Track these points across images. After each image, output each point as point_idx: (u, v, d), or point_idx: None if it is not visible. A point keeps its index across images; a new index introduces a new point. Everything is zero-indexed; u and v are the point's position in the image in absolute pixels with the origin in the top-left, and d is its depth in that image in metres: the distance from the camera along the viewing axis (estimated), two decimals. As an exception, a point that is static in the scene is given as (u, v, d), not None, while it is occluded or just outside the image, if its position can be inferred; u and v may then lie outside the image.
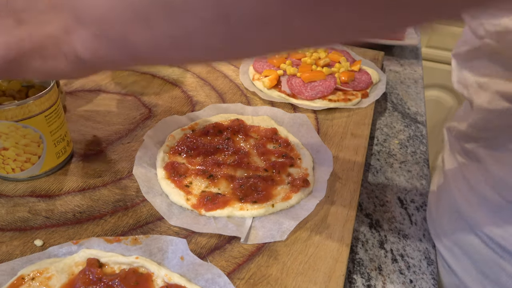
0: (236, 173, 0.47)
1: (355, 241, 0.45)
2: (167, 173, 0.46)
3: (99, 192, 0.44)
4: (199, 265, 0.34)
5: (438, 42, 1.55)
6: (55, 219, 0.41)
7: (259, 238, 0.40)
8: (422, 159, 0.59)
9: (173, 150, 0.50)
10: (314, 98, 0.62)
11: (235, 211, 0.42)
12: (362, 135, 0.56)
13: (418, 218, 0.49)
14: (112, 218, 0.41)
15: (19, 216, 0.41)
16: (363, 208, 0.49)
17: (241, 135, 0.53)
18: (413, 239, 0.46)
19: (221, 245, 0.39)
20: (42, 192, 0.44)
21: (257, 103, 0.63)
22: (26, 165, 0.44)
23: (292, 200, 0.43)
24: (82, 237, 0.39)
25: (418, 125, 0.66)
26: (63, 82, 0.65)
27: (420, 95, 0.75)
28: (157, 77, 0.69)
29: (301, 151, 0.51)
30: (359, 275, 0.41)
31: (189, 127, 0.54)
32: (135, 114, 0.58)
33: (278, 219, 0.41)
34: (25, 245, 0.38)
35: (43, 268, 0.34)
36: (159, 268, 0.34)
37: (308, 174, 0.47)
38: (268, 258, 0.38)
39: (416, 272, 0.42)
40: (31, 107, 0.41)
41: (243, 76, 0.69)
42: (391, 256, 0.43)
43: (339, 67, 0.68)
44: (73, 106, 0.59)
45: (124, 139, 0.53)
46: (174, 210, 0.42)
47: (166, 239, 0.36)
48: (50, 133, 0.44)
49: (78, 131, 0.54)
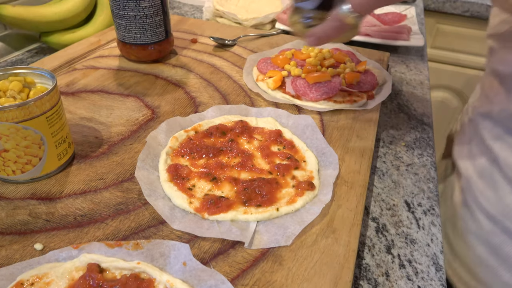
0: (240, 175, 0.46)
1: (362, 246, 0.44)
2: (170, 176, 0.45)
3: (100, 195, 0.44)
4: (202, 271, 0.34)
5: (443, 42, 1.54)
6: (55, 222, 0.40)
7: (263, 242, 0.39)
8: (429, 161, 0.57)
9: (176, 152, 0.49)
10: (319, 100, 0.61)
11: (239, 215, 0.41)
12: (368, 137, 0.55)
13: (426, 222, 0.47)
14: (113, 222, 0.40)
15: (19, 219, 0.40)
16: (369, 212, 0.48)
17: (245, 137, 0.53)
18: (420, 244, 0.45)
19: (224, 250, 0.38)
20: (43, 194, 0.43)
21: (261, 104, 0.62)
22: (27, 167, 0.44)
23: (297, 203, 0.42)
24: (83, 241, 0.38)
25: (424, 127, 0.65)
26: (65, 83, 0.64)
27: (426, 97, 0.74)
28: (160, 78, 0.68)
29: (306, 153, 0.50)
30: (365, 281, 0.40)
31: (192, 129, 0.53)
32: (137, 115, 0.58)
33: (283, 223, 0.40)
34: (25, 249, 0.37)
35: (42, 273, 0.33)
36: (161, 273, 0.33)
37: (313, 177, 0.46)
38: (273, 263, 0.37)
39: (425, 278, 0.41)
40: (32, 108, 0.41)
41: (247, 77, 0.68)
42: (398, 261, 0.42)
43: (344, 68, 0.67)
44: (74, 107, 0.59)
45: (127, 141, 0.52)
46: (177, 214, 0.41)
47: (168, 244, 0.35)
48: (51, 135, 0.44)
49: (79, 133, 0.53)
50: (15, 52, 0.81)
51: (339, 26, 0.43)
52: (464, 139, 0.63)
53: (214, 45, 0.81)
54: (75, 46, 0.76)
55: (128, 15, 0.66)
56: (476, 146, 0.58)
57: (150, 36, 0.69)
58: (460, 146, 0.63)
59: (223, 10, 0.96)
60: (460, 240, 0.58)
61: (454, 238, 0.53)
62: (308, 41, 0.48)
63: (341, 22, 0.42)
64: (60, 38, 0.80)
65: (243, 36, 0.85)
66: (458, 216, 0.57)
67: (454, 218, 0.59)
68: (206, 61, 0.75)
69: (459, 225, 0.58)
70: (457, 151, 0.63)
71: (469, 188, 0.56)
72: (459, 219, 0.58)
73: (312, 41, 0.47)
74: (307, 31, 0.49)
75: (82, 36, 0.82)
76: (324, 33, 0.45)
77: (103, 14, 0.86)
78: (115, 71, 0.69)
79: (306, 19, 0.49)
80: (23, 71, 0.46)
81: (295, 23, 0.51)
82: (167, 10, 0.70)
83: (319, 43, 0.48)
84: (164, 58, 0.75)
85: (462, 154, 0.62)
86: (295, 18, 0.51)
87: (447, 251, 0.59)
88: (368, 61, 0.74)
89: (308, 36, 0.48)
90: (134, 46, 0.70)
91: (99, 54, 0.74)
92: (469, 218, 0.56)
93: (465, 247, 0.57)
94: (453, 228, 0.58)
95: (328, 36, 0.45)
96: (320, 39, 0.46)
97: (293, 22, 0.52)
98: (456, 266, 0.57)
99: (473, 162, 0.57)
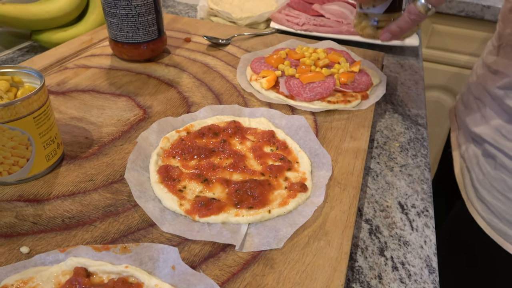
0: (232, 177, 0.46)
1: (354, 248, 0.43)
2: (161, 177, 0.44)
3: (89, 197, 0.43)
4: (191, 275, 0.33)
5: (438, 42, 1.54)
6: (43, 224, 0.39)
7: (254, 245, 0.38)
8: (423, 162, 0.57)
9: (167, 153, 0.48)
10: (313, 100, 0.61)
11: (230, 217, 0.40)
12: (361, 138, 0.55)
13: (419, 224, 0.47)
14: (102, 224, 0.40)
15: (5, 221, 0.39)
16: (362, 213, 0.48)
17: (238, 138, 0.52)
18: (414, 246, 0.44)
19: (215, 253, 0.38)
20: (30, 196, 0.43)
21: (254, 104, 0.61)
22: (14, 168, 0.43)
23: (289, 205, 0.42)
24: (70, 244, 0.37)
25: (419, 128, 0.65)
26: (56, 82, 0.63)
27: (421, 97, 0.73)
28: (152, 77, 0.67)
29: (299, 154, 0.50)
30: (358, 284, 0.40)
31: (184, 129, 0.52)
32: (129, 115, 0.57)
33: (274, 226, 0.40)
34: (11, 253, 0.36)
35: (28, 277, 0.32)
36: (150, 277, 0.33)
37: (306, 178, 0.46)
38: (264, 267, 0.37)
39: (418, 281, 0.40)
40: (19, 109, 0.40)
41: (240, 76, 0.68)
42: (391, 264, 0.42)
43: (338, 68, 0.66)
44: (65, 106, 0.58)
45: (117, 141, 0.52)
46: (167, 216, 0.40)
47: (157, 248, 0.35)
48: (39, 135, 0.43)
49: (69, 133, 0.53)
50: (5, 51, 0.80)
51: (414, 19, 0.49)
52: (474, 111, 0.68)
53: (207, 44, 0.80)
54: (67, 45, 0.75)
55: (120, 14, 0.65)
56: (496, 113, 0.62)
57: (143, 35, 0.68)
58: (473, 115, 0.68)
59: (217, 9, 0.95)
60: (498, 200, 0.61)
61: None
62: (382, 37, 0.53)
63: (416, 15, 0.48)
64: (51, 37, 0.79)
65: (237, 35, 0.84)
66: (491, 180, 0.62)
67: (476, 167, 0.64)
68: (199, 60, 0.74)
69: (495, 187, 0.61)
70: (471, 120, 0.68)
71: (499, 151, 0.61)
72: (493, 182, 0.62)
73: (386, 36, 0.53)
74: (378, 32, 0.55)
75: (73, 35, 0.81)
76: (399, 27, 0.51)
77: (95, 12, 0.85)
78: (107, 70, 0.68)
79: (375, 22, 0.55)
80: (11, 70, 0.45)
81: (365, 28, 0.56)
82: (159, 9, 0.69)
83: (392, 38, 0.53)
84: (157, 57, 0.74)
85: (477, 122, 0.66)
86: (364, 23, 0.56)
87: (474, 199, 0.65)
88: (363, 61, 0.73)
89: (382, 34, 0.53)
90: (126, 45, 0.69)
91: (90, 53, 0.73)
92: (507, 177, 0.60)
93: (505, 204, 0.60)
94: (477, 177, 0.64)
95: (402, 29, 0.51)
96: (394, 33, 0.52)
97: (362, 28, 0.57)
98: (498, 222, 0.61)
99: (495, 128, 0.62)
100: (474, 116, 0.68)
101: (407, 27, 0.50)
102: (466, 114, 0.70)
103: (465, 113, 0.71)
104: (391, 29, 0.52)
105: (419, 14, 0.48)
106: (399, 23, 0.50)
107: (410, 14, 0.49)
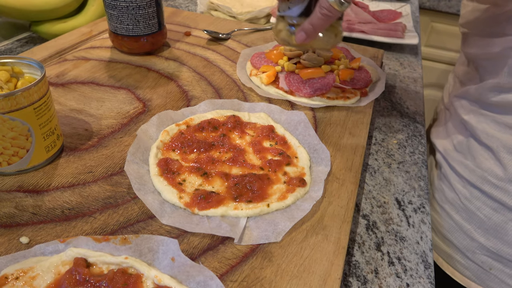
0: (231, 171, 0.46)
1: (351, 243, 0.44)
2: (160, 170, 0.44)
3: (89, 188, 0.43)
4: (191, 266, 0.33)
5: (437, 41, 1.54)
6: (42, 215, 0.39)
7: (253, 239, 0.38)
8: (421, 159, 0.58)
9: (166, 146, 0.48)
10: (312, 96, 0.61)
11: (229, 211, 0.40)
12: (360, 134, 0.55)
13: (416, 220, 0.48)
14: (101, 216, 0.40)
15: (5, 211, 0.39)
16: (360, 209, 0.48)
17: (237, 132, 0.52)
18: (410, 241, 0.45)
19: (214, 245, 0.38)
20: (30, 187, 0.43)
21: (254, 99, 0.62)
22: (14, 159, 0.43)
23: (288, 200, 0.42)
24: (70, 235, 0.37)
25: (417, 125, 0.65)
26: (55, 73, 0.63)
27: (419, 95, 0.74)
28: (152, 71, 0.67)
29: (298, 149, 0.50)
30: (355, 278, 0.40)
31: (183, 123, 0.52)
32: (128, 108, 0.57)
33: (273, 220, 0.40)
34: (10, 243, 0.36)
35: (27, 267, 0.33)
36: (149, 269, 0.33)
37: (305, 173, 0.46)
38: (262, 260, 0.37)
39: (413, 275, 0.41)
40: (19, 99, 0.40)
41: (240, 71, 0.68)
42: (387, 259, 0.42)
43: (338, 65, 0.66)
44: (64, 98, 0.58)
45: (117, 134, 0.52)
46: (167, 209, 0.41)
47: (157, 239, 0.35)
48: (39, 126, 0.43)
49: (69, 125, 0.53)
50: (4, 41, 0.79)
51: (325, 14, 0.46)
52: (441, 122, 0.71)
53: (207, 39, 0.80)
54: (66, 36, 0.74)
55: (120, 6, 0.65)
56: (453, 124, 0.66)
57: (143, 28, 0.68)
58: (436, 128, 0.72)
59: (217, 3, 0.95)
60: (435, 211, 0.66)
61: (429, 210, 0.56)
62: (297, 38, 0.50)
63: (328, 10, 0.45)
64: (51, 28, 0.79)
65: (237, 30, 0.84)
66: (434, 189, 0.66)
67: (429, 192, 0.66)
68: (199, 54, 0.74)
69: (435, 197, 0.66)
70: (434, 133, 0.71)
71: (446, 161, 0.65)
72: (434, 192, 0.66)
73: (300, 36, 0.49)
74: (292, 38, 0.51)
75: (73, 26, 0.81)
76: (312, 24, 0.48)
77: (95, 4, 0.85)
78: (107, 63, 0.68)
79: (291, 26, 0.51)
80: (11, 61, 0.45)
81: (280, 32, 0.53)
82: (160, 2, 0.69)
83: (307, 37, 0.49)
84: (157, 50, 0.74)
85: (439, 134, 0.69)
86: (280, 26, 0.53)
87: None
88: (362, 58, 0.73)
89: (296, 34, 0.50)
90: (126, 37, 0.68)
91: (90, 45, 0.73)
92: (446, 188, 0.63)
93: (440, 217, 0.65)
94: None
95: (315, 27, 0.48)
96: (308, 31, 0.48)
97: (278, 31, 0.53)
98: (432, 235, 0.62)
99: (450, 139, 0.65)
100: (436, 124, 0.71)
101: (320, 24, 0.47)
102: (433, 121, 0.74)
103: (433, 121, 0.74)
104: (304, 27, 0.48)
105: (331, 8, 0.45)
106: (311, 20, 0.47)
107: (321, 9, 0.45)
